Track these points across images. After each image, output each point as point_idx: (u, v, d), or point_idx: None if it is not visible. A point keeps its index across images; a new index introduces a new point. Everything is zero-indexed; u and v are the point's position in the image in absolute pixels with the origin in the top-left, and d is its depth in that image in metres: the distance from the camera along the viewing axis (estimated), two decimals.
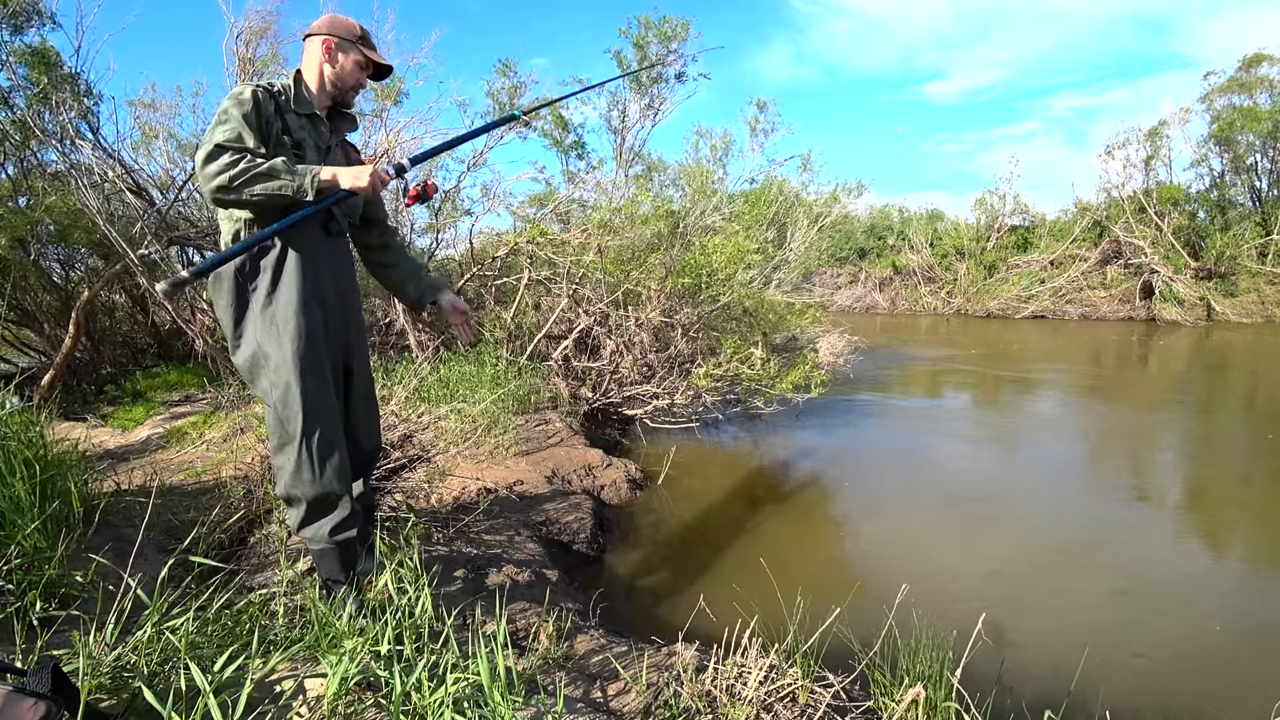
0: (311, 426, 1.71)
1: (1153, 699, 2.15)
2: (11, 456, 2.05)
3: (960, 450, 5.30)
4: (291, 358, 1.69)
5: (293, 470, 1.72)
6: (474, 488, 3.37)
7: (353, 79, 1.87)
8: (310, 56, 1.84)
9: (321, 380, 1.75)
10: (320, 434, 1.72)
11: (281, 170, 1.60)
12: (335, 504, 1.77)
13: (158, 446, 4.15)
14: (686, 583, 2.93)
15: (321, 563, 1.83)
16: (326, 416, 1.75)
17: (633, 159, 7.98)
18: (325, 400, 1.75)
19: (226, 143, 1.59)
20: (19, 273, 5.87)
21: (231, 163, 1.56)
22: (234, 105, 1.65)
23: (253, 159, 1.59)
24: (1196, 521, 3.76)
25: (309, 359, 1.72)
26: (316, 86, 1.84)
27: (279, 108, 1.73)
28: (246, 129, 1.63)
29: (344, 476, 1.78)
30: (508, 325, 5.68)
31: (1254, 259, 15.37)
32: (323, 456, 1.73)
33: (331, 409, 1.78)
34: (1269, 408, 6.75)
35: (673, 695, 1.59)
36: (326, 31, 1.82)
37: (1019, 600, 2.84)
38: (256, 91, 1.68)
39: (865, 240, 22.50)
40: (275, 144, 1.70)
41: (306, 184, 1.61)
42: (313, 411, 1.71)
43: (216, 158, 1.57)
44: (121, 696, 1.35)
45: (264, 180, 1.58)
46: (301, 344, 1.70)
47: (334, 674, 1.35)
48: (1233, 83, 16.04)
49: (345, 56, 1.84)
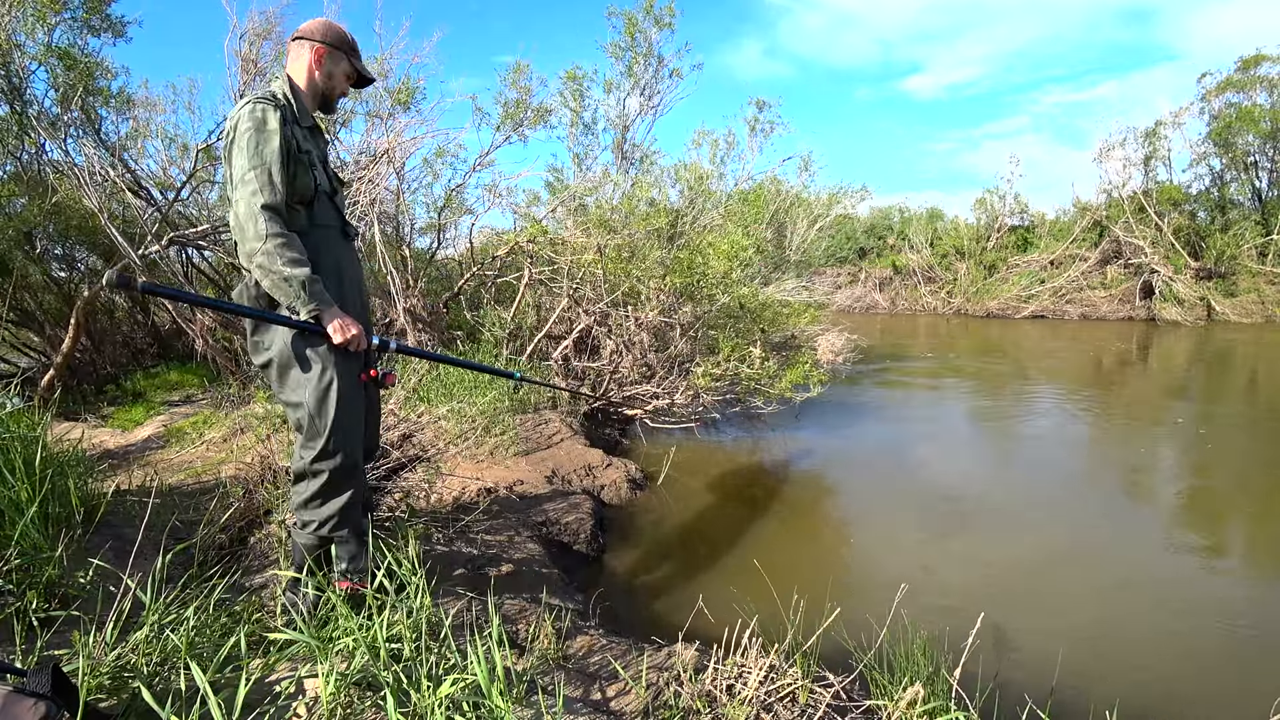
0: (342, 419, 1.74)
1: (1152, 699, 2.15)
2: (12, 457, 2.06)
3: (959, 451, 5.30)
4: (331, 357, 1.73)
5: (316, 454, 1.74)
6: (474, 487, 3.37)
7: (341, 88, 1.87)
8: (301, 61, 1.82)
9: (354, 379, 1.79)
10: (349, 426, 1.77)
11: (299, 289, 1.61)
12: (348, 489, 1.80)
13: (158, 446, 4.15)
14: (686, 583, 2.93)
15: (297, 553, 1.85)
16: (356, 412, 1.80)
17: (634, 155, 7.98)
18: (356, 398, 1.80)
19: (274, 206, 1.59)
20: (20, 272, 5.88)
21: (280, 246, 1.58)
22: (265, 141, 1.61)
23: (295, 255, 1.60)
24: (1196, 522, 3.76)
25: (343, 357, 1.75)
26: (308, 95, 1.83)
27: (287, 121, 1.71)
28: (280, 173, 1.61)
29: (360, 466, 1.84)
30: (508, 325, 5.68)
31: (1254, 259, 15.38)
32: (348, 445, 1.77)
33: (360, 405, 1.82)
34: (1269, 408, 6.75)
35: (673, 695, 1.59)
36: (320, 39, 1.81)
37: (1018, 600, 2.85)
38: (281, 112, 1.66)
39: (865, 240, 22.50)
40: (294, 161, 1.69)
41: (302, 310, 1.63)
42: (345, 407, 1.75)
43: (269, 230, 1.57)
44: (121, 696, 1.36)
45: (284, 286, 1.61)
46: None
47: (331, 674, 1.35)
48: (1229, 82, 16.05)
49: (336, 66, 1.83)
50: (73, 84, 5.37)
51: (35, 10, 5.23)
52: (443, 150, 6.05)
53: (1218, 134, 16.05)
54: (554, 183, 7.37)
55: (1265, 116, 15.27)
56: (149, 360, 7.23)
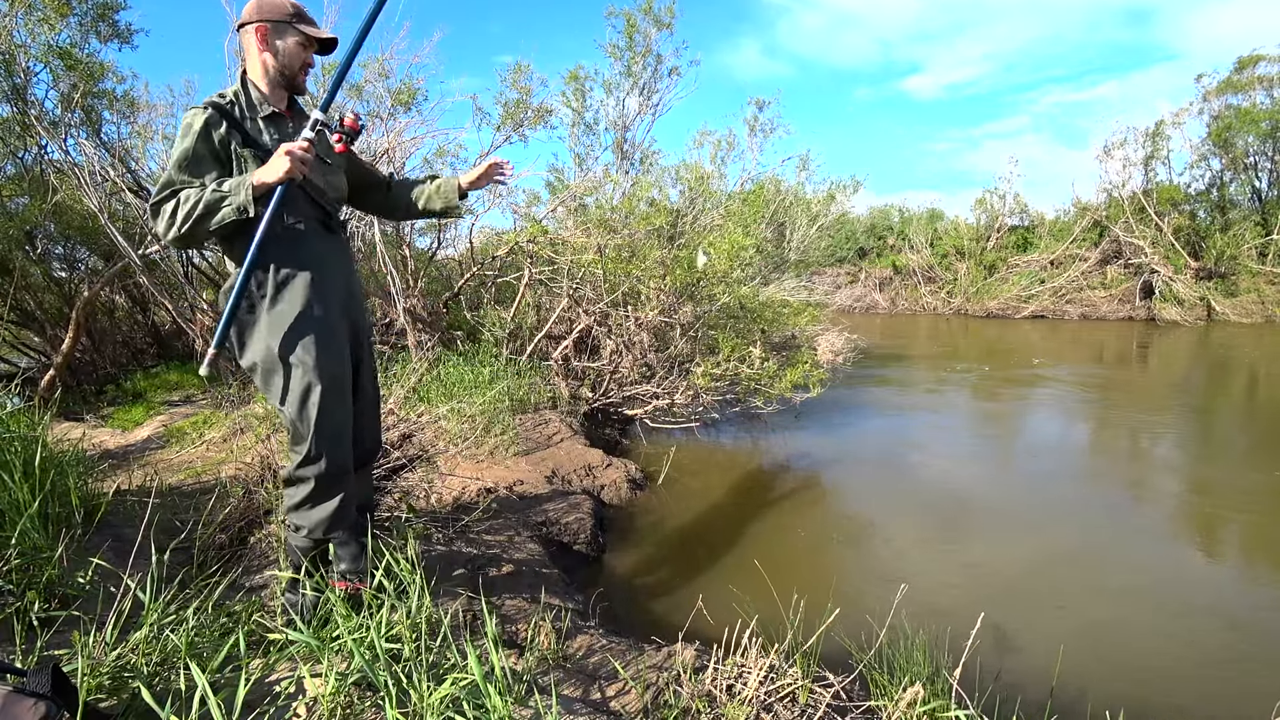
0: (325, 423, 1.71)
1: (1153, 699, 2.15)
2: (12, 457, 2.06)
3: (959, 451, 5.30)
4: (309, 360, 1.69)
5: (300, 460, 1.73)
6: (474, 488, 3.37)
7: (298, 60, 1.74)
8: (249, 49, 1.73)
9: (336, 380, 1.75)
10: (333, 431, 1.73)
11: (217, 198, 1.56)
12: (336, 493, 1.78)
13: (158, 446, 4.15)
14: (686, 583, 2.93)
15: (293, 555, 1.85)
16: (340, 415, 1.76)
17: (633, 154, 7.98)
18: (340, 400, 1.76)
19: (167, 186, 1.58)
20: (21, 272, 5.89)
21: (172, 211, 1.57)
22: (180, 139, 1.62)
23: (186, 199, 1.56)
24: (1196, 523, 3.76)
25: (324, 360, 1.71)
26: (265, 81, 1.74)
27: (234, 121, 1.66)
28: (194, 164, 1.61)
29: (348, 469, 1.80)
30: (508, 325, 5.68)
31: (1254, 259, 15.38)
32: (333, 450, 1.74)
33: (346, 409, 1.78)
34: (1270, 408, 6.75)
35: (672, 695, 1.59)
36: (257, 18, 1.70)
37: (1018, 601, 2.85)
38: (208, 115, 1.63)
39: (865, 240, 22.51)
40: (236, 161, 1.66)
41: (244, 199, 1.56)
42: (327, 410, 1.71)
43: (158, 210, 1.58)
44: (121, 696, 1.36)
45: (208, 216, 1.56)
46: (315, 345, 1.71)
47: (330, 674, 1.35)
48: (1228, 83, 16.05)
49: (283, 40, 1.72)
50: (74, 84, 5.38)
51: (42, 16, 5.25)
52: (443, 150, 6.05)
53: (1217, 134, 16.06)
54: (554, 183, 7.37)
55: (1264, 117, 15.28)
56: (149, 360, 7.24)
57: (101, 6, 5.76)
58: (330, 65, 5.45)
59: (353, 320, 1.88)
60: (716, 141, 8.04)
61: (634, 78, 7.74)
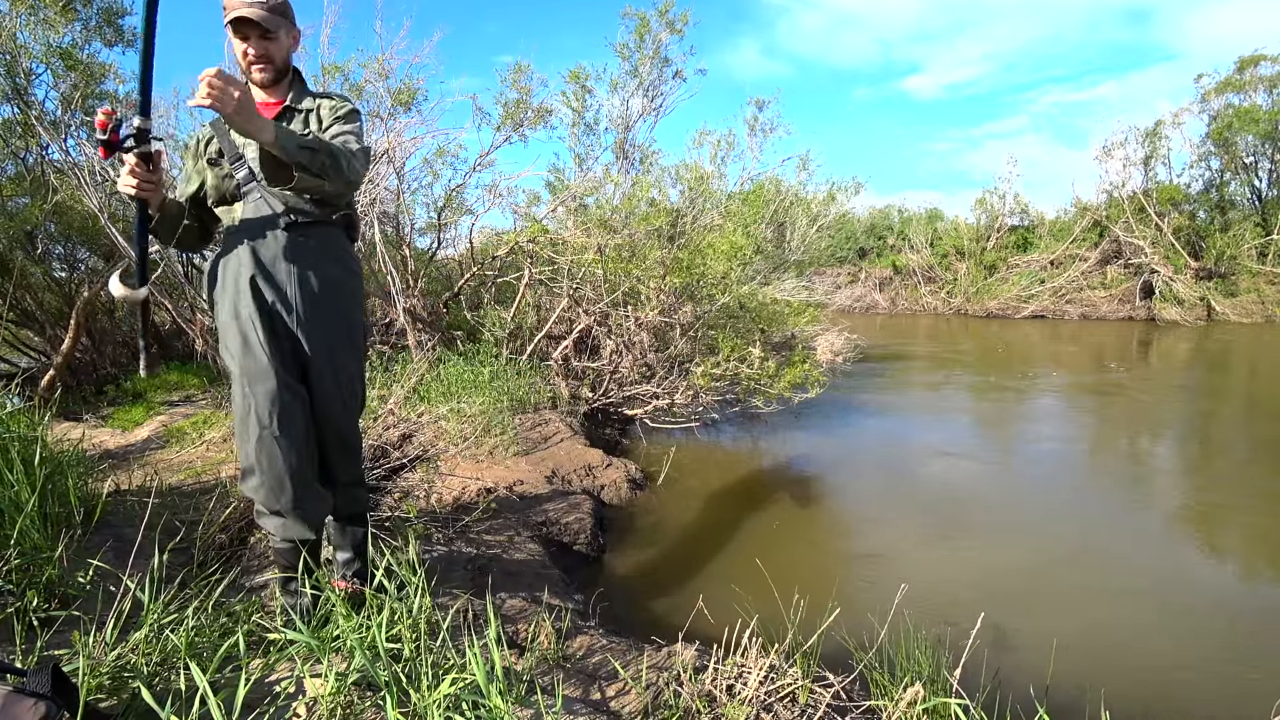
0: (243, 435, 1.64)
1: (1153, 700, 2.15)
2: (11, 457, 2.06)
3: (959, 451, 5.30)
4: (237, 362, 1.64)
5: (245, 469, 1.67)
6: (474, 488, 3.37)
7: (242, 51, 1.68)
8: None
9: (266, 384, 1.63)
10: (266, 442, 1.62)
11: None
12: (269, 523, 1.73)
13: (157, 446, 4.15)
14: (686, 583, 2.93)
15: (276, 557, 1.83)
16: (249, 426, 1.63)
17: (634, 154, 7.97)
18: (248, 415, 1.63)
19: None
20: (21, 272, 5.89)
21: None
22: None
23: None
24: (1196, 523, 3.76)
25: (248, 361, 1.63)
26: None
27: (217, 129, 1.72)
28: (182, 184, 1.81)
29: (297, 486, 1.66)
30: (508, 325, 5.68)
31: (1254, 259, 15.38)
32: (271, 465, 1.63)
33: (251, 421, 1.63)
34: (1270, 408, 6.75)
35: (672, 695, 1.59)
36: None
37: (1018, 601, 2.85)
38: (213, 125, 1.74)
39: (865, 240, 22.50)
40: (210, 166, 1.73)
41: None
42: (241, 423, 1.64)
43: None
44: (121, 696, 1.35)
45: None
46: (240, 348, 1.64)
47: (330, 673, 1.35)
48: (1227, 83, 16.05)
49: (233, 40, 1.67)
50: (74, 84, 5.38)
51: (46, 19, 5.26)
52: (443, 150, 6.05)
53: (1217, 134, 16.06)
54: (555, 183, 7.36)
55: (1264, 117, 15.28)
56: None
57: (107, 11, 5.77)
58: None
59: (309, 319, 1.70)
60: (716, 141, 8.05)
61: (640, 79, 7.74)
